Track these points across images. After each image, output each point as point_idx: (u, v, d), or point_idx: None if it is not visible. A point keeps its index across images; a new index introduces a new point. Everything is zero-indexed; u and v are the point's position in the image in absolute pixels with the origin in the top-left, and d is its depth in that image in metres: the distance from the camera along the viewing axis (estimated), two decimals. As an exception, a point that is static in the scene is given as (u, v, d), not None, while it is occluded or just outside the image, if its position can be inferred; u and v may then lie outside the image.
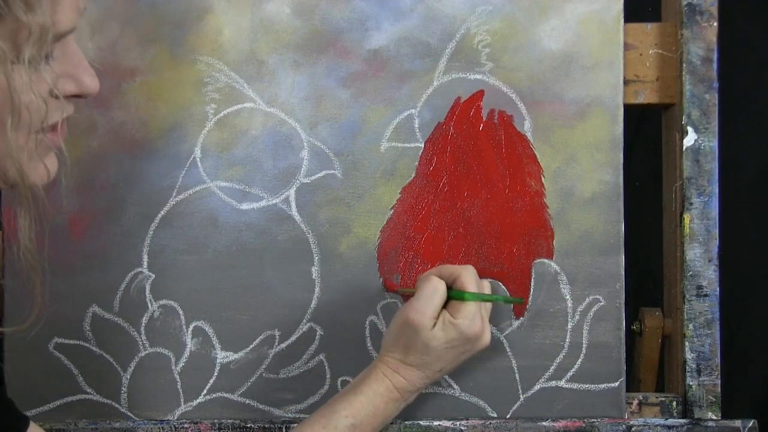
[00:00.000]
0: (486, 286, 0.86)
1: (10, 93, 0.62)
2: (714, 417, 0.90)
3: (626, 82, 0.91)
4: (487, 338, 0.84)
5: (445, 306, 0.83)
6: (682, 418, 0.91)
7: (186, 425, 0.91)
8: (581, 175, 0.90)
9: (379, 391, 0.83)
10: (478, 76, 0.91)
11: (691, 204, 0.90)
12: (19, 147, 0.65)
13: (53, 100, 0.66)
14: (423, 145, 0.91)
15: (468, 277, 0.84)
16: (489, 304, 0.86)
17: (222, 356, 0.92)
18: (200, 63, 0.91)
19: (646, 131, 1.10)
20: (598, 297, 0.90)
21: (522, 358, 0.91)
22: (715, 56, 0.90)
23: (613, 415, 0.91)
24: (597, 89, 0.90)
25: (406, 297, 0.89)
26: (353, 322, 0.91)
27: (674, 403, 0.91)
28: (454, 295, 0.83)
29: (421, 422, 0.91)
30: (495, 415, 0.91)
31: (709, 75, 0.90)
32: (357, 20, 0.91)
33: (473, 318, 0.82)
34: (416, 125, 0.91)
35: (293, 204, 0.91)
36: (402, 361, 0.83)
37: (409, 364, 0.83)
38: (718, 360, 0.90)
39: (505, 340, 0.91)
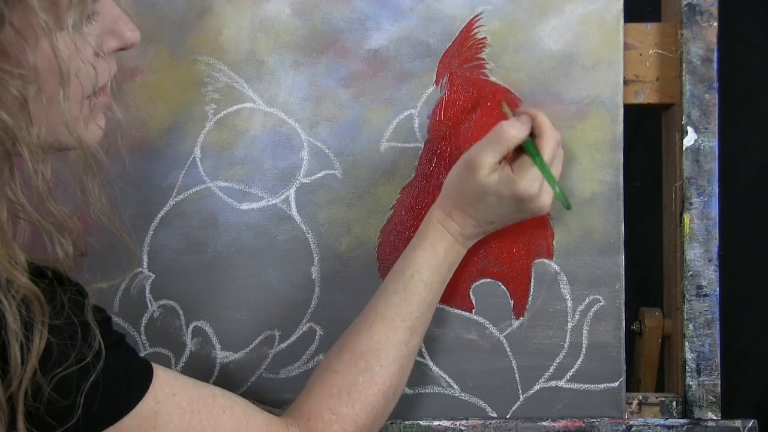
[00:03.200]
0: (558, 157, 0.82)
1: (58, 64, 0.62)
2: (714, 417, 0.90)
3: (626, 82, 0.91)
4: (544, 203, 0.81)
5: (518, 152, 0.80)
6: (682, 418, 0.91)
7: (186, 425, 0.91)
8: (581, 175, 0.90)
9: (437, 240, 0.82)
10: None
11: (691, 204, 0.90)
12: (73, 116, 0.65)
13: (99, 60, 0.66)
14: (423, 145, 0.91)
15: (548, 141, 0.80)
16: (557, 167, 0.82)
17: (222, 356, 0.92)
18: (200, 63, 0.91)
19: (646, 131, 1.10)
20: (598, 297, 0.90)
21: (522, 358, 0.91)
22: (715, 56, 0.90)
23: (613, 415, 0.91)
24: (597, 89, 0.90)
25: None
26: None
27: (674, 403, 0.91)
28: (527, 147, 0.80)
29: (421, 422, 0.91)
30: (495, 415, 0.91)
31: (709, 75, 0.90)
32: (357, 20, 0.91)
33: (532, 180, 0.79)
34: (416, 125, 0.91)
35: (293, 204, 0.91)
36: (454, 203, 0.81)
37: (461, 208, 0.81)
38: (718, 360, 0.90)
39: (505, 340, 0.91)
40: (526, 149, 0.80)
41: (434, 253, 0.82)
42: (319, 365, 0.80)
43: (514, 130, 0.80)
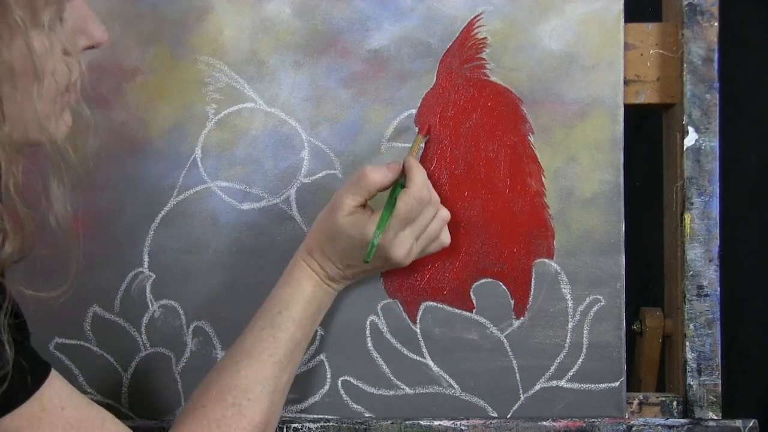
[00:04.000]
0: (424, 216, 0.81)
1: (33, 61, 0.61)
2: (714, 417, 0.90)
3: (627, 82, 0.91)
4: (396, 256, 0.81)
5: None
6: (683, 417, 0.91)
7: (187, 425, 0.90)
8: (582, 175, 0.90)
9: (302, 277, 0.82)
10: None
11: (692, 204, 0.90)
12: (46, 113, 0.65)
13: (69, 58, 0.66)
14: (423, 145, 0.91)
15: (409, 196, 0.80)
16: (420, 223, 0.82)
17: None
18: (201, 63, 0.91)
19: (647, 131, 1.10)
20: (598, 297, 0.90)
21: (522, 358, 0.91)
22: (715, 56, 0.90)
23: (613, 414, 0.91)
24: (597, 89, 0.90)
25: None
26: (353, 322, 0.91)
27: (675, 403, 0.91)
28: (390, 193, 0.81)
29: (421, 422, 0.91)
30: (495, 415, 0.91)
31: (709, 75, 0.90)
32: (357, 20, 0.91)
33: (385, 229, 0.79)
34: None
35: (294, 204, 0.91)
36: (315, 241, 0.82)
37: (320, 248, 0.81)
38: (718, 360, 0.90)
39: (505, 340, 0.91)
40: (393, 190, 0.81)
41: (301, 290, 0.81)
42: (186, 404, 0.78)
43: (376, 175, 0.81)
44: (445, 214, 0.85)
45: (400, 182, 0.83)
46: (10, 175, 0.62)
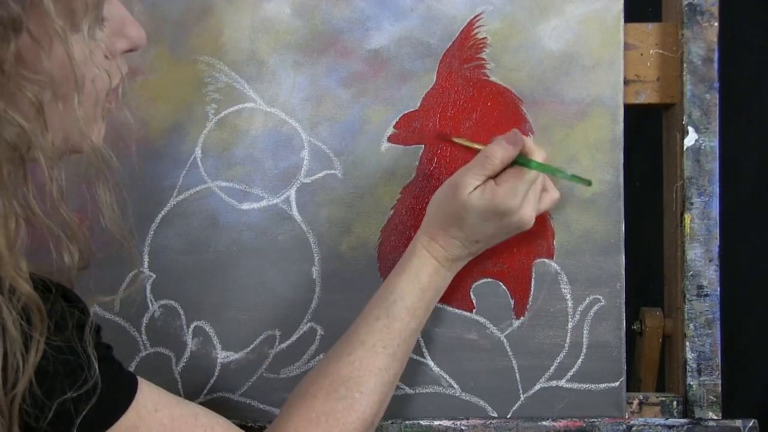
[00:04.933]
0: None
1: (73, 69, 0.61)
2: (714, 417, 0.90)
3: (627, 82, 0.91)
4: (526, 217, 0.80)
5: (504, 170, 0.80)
6: (683, 417, 0.91)
7: (187, 425, 0.91)
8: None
9: (422, 265, 0.81)
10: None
11: (692, 204, 0.90)
12: (86, 119, 0.65)
13: (110, 63, 0.66)
14: (423, 145, 0.91)
15: (537, 150, 0.81)
16: (541, 188, 0.82)
17: (222, 356, 0.92)
18: (201, 63, 0.91)
19: (647, 131, 1.10)
20: (598, 297, 0.90)
21: (522, 358, 0.91)
22: (715, 56, 0.90)
23: (613, 414, 0.91)
24: (597, 89, 0.90)
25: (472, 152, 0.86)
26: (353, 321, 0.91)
27: (675, 403, 0.91)
28: (519, 160, 0.80)
29: (421, 422, 0.91)
30: (495, 415, 0.91)
31: (709, 75, 0.90)
32: (357, 20, 0.91)
33: (512, 193, 0.79)
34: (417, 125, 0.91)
35: (294, 204, 0.92)
36: (439, 226, 0.81)
37: (445, 230, 0.81)
38: (718, 360, 0.90)
39: (505, 340, 0.91)
40: (517, 161, 0.80)
41: (418, 279, 0.81)
42: (297, 389, 0.78)
43: (502, 152, 0.80)
44: (555, 195, 0.86)
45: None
46: (54, 182, 0.62)
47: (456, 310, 0.91)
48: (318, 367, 0.79)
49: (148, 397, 0.68)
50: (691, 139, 0.90)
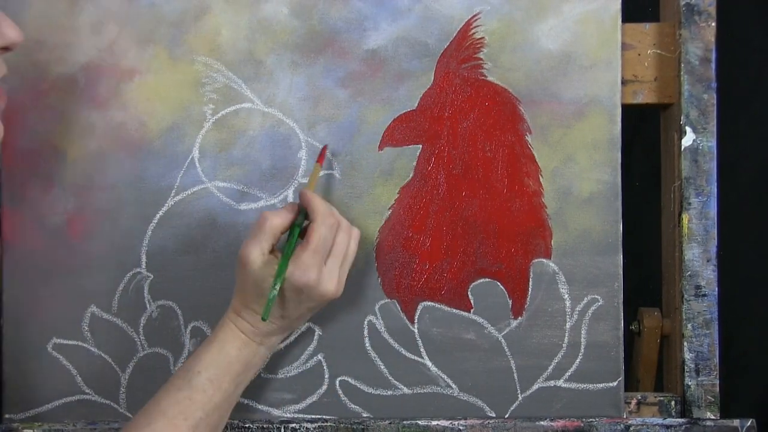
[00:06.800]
0: (339, 244, 0.79)
1: None
2: (712, 417, 0.90)
3: (624, 82, 0.91)
4: (330, 290, 0.78)
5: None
6: (681, 417, 0.91)
7: (184, 425, 0.90)
8: (579, 174, 0.90)
9: (227, 338, 0.79)
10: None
11: (690, 204, 0.90)
12: None
13: None
14: (421, 145, 0.91)
15: (318, 225, 0.78)
16: (339, 250, 0.79)
17: (220, 356, 0.92)
18: (198, 63, 0.91)
19: (645, 131, 1.10)
20: (596, 297, 0.90)
21: (520, 358, 0.91)
22: (713, 56, 0.90)
23: (611, 414, 0.91)
24: (595, 89, 0.90)
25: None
26: (352, 322, 0.91)
27: (673, 403, 0.91)
28: (292, 230, 0.80)
29: (419, 422, 0.91)
30: (493, 415, 0.91)
31: (707, 75, 0.90)
32: (355, 20, 0.91)
33: (304, 266, 0.77)
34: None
35: (291, 204, 0.91)
36: (242, 302, 0.79)
37: (248, 306, 0.79)
38: (716, 360, 0.90)
39: (503, 340, 0.91)
40: (290, 233, 0.80)
41: (223, 352, 0.79)
42: None
43: (276, 219, 0.79)
44: (357, 233, 0.84)
45: (297, 223, 0.81)
46: None
47: (454, 310, 0.91)
48: None
49: None
50: (688, 139, 0.90)
